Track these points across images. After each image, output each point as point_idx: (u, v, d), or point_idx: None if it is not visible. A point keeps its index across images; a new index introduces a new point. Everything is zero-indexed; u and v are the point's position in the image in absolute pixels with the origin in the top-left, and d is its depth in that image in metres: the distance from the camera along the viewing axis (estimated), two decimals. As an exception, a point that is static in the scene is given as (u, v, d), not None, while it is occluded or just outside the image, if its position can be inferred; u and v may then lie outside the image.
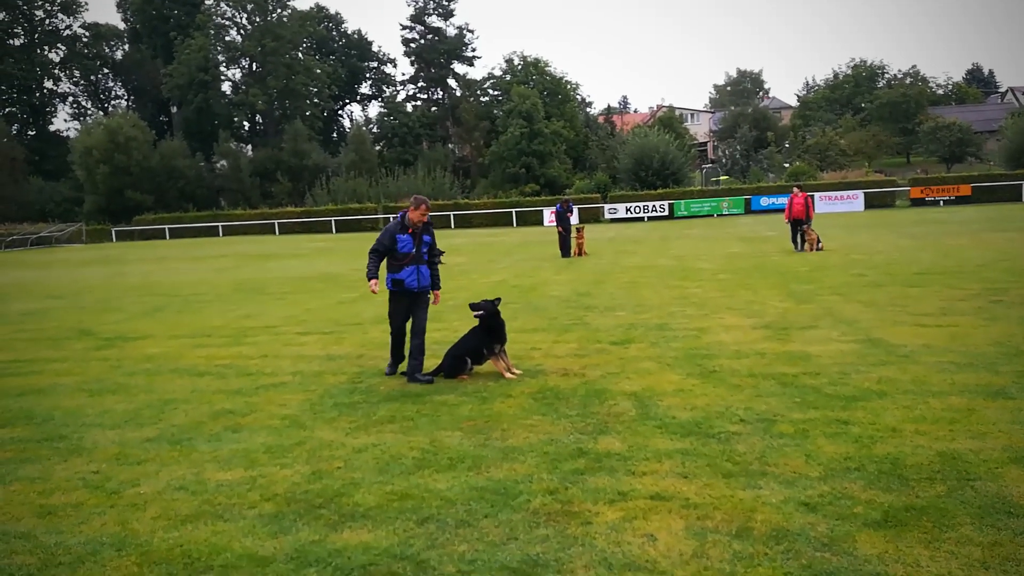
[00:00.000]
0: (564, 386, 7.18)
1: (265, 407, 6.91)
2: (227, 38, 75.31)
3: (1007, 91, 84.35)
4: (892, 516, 4.06)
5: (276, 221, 55.09)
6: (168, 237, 56.11)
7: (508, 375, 7.61)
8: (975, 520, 3.97)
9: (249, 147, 78.61)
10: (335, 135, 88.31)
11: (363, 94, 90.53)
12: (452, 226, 50.22)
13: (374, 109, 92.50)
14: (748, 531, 3.99)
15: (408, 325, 7.89)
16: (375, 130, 77.53)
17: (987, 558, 3.58)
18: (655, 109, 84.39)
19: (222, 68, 76.01)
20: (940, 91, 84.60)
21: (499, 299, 8.07)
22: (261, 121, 78.96)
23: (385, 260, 7.82)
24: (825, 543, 3.81)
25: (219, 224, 56.82)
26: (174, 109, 78.17)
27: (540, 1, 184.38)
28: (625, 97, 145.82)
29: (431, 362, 8.32)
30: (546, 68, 71.27)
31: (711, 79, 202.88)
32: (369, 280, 7.72)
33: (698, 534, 3.98)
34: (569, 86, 72.77)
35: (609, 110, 79.98)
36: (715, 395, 6.61)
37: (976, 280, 12.92)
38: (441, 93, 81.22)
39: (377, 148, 74.08)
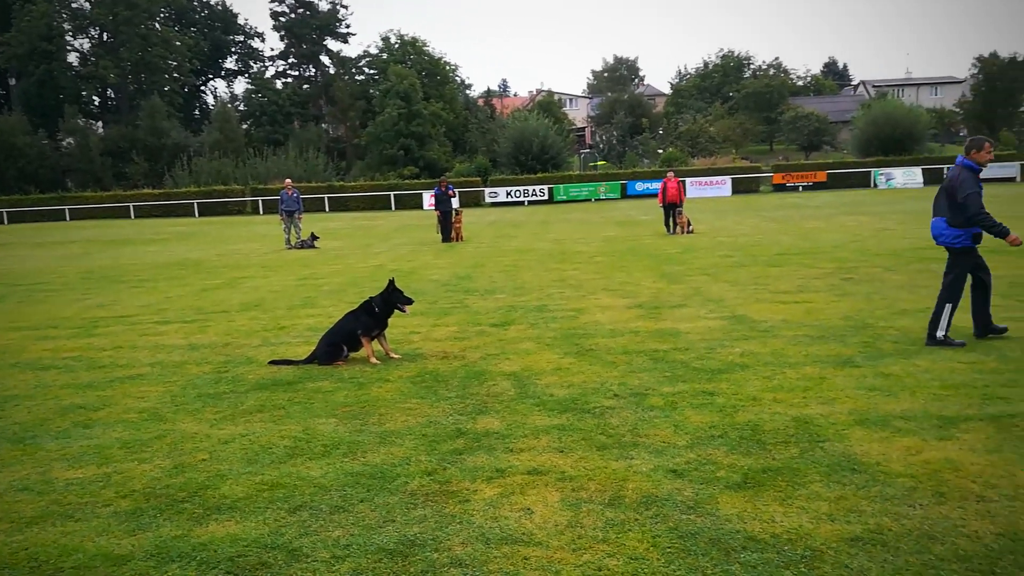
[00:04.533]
0: (444, 369, 7.14)
1: (120, 401, 6.47)
2: (74, 5, 69.58)
3: (859, 84, 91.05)
4: (751, 478, 4.30)
5: (131, 204, 51.11)
6: (6, 222, 51.20)
7: (374, 360, 7.43)
8: (824, 477, 4.26)
9: (100, 124, 72.94)
10: (197, 112, 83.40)
11: (228, 69, 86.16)
12: (327, 209, 48.84)
13: (240, 86, 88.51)
14: (620, 499, 4.11)
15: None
16: (242, 108, 74.08)
17: (833, 511, 3.85)
18: (534, 93, 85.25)
19: (68, 37, 70.14)
20: (800, 82, 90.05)
21: (392, 279, 7.89)
22: (113, 96, 73.65)
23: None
24: (691, 506, 3.98)
25: (66, 207, 51.80)
26: (12, 81, 71.42)
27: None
28: (505, 80, 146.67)
29: (304, 349, 8.07)
30: (424, 48, 70.41)
31: (589, 65, 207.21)
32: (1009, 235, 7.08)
33: (573, 505, 4.07)
34: (448, 67, 72.25)
35: (489, 93, 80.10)
36: (591, 372, 6.78)
37: (830, 260, 13.91)
38: (314, 70, 78.66)
39: (244, 127, 70.82)
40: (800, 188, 47.02)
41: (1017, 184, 41.80)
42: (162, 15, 74.72)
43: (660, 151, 60.52)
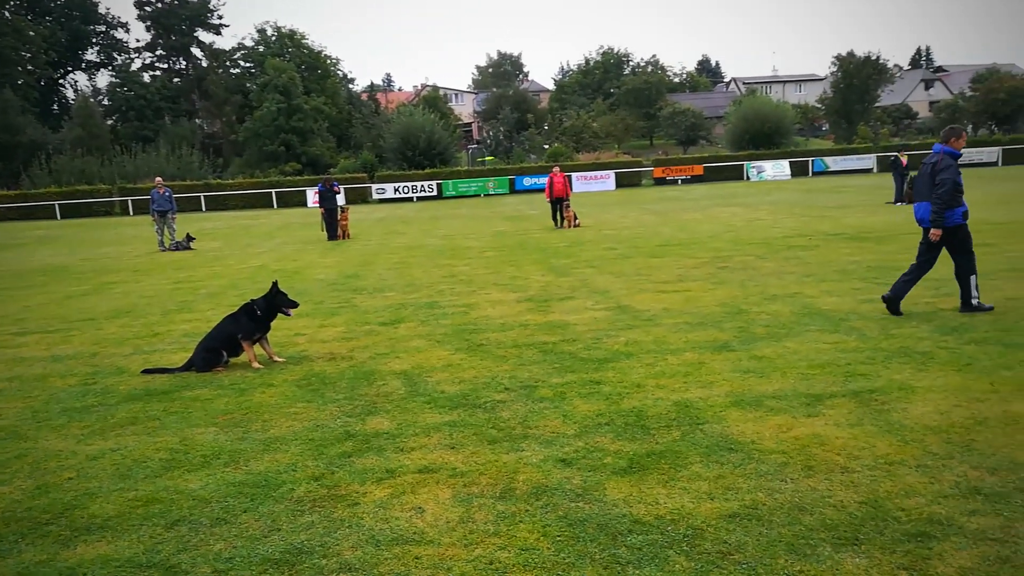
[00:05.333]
0: (331, 370, 6.97)
1: (-25, 419, 5.94)
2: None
3: (731, 81, 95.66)
4: (636, 462, 4.44)
5: (-18, 207, 47.14)
6: None
7: (256, 364, 7.17)
8: (703, 458, 4.46)
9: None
10: (56, 108, 77.60)
11: (90, 62, 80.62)
12: (203, 209, 46.65)
13: (104, 79, 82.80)
14: (511, 491, 4.14)
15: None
16: (106, 102, 69.54)
17: (712, 490, 4.03)
18: (420, 88, 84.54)
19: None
20: (677, 79, 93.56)
21: (275, 282, 7.60)
22: (-41, 90, 67.30)
23: None
24: (579, 494, 4.07)
25: (-102, 212, 47.17)
26: None
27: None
28: (389, 75, 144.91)
29: (180, 356, 7.68)
30: (303, 41, 68.43)
31: (473, 60, 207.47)
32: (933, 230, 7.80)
33: (464, 500, 4.06)
34: (329, 61, 70.56)
35: (373, 87, 78.90)
36: (482, 367, 6.80)
37: (706, 250, 14.54)
38: (184, 63, 74.91)
39: (109, 123, 66.57)
40: (679, 181, 48.95)
41: (873, 175, 45.10)
42: (13, 3, 68.97)
43: (546, 147, 61.42)
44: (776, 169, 49.01)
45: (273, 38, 68.18)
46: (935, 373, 5.83)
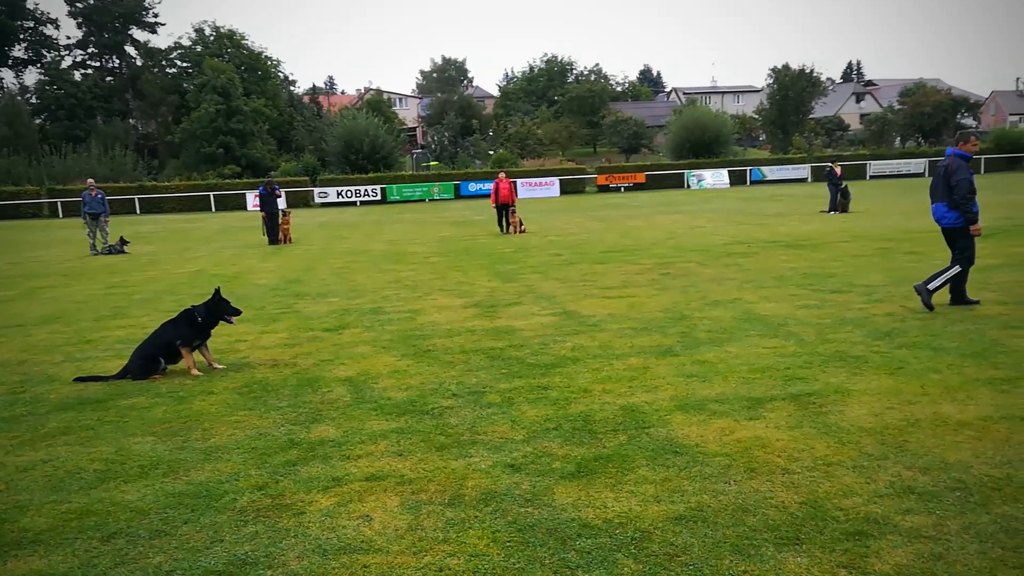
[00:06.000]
0: (274, 377, 6.84)
1: None
2: None
3: (672, 91, 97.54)
4: (584, 467, 4.47)
5: (-102, 209, 44.68)
6: None
7: (195, 372, 6.98)
8: (650, 461, 4.52)
9: None
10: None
11: (16, 58, 77.12)
12: (138, 211, 45.20)
13: (32, 76, 79.57)
14: (460, 498, 4.13)
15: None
16: (34, 100, 66.84)
17: (659, 492, 4.09)
18: (363, 91, 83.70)
19: None
20: (619, 88, 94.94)
21: (218, 288, 7.41)
22: None
23: None
24: (528, 499, 4.08)
25: None
26: None
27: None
28: (331, 77, 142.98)
29: (115, 364, 7.43)
30: (243, 41, 66.98)
31: (417, 65, 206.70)
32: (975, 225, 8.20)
33: (413, 508, 4.03)
34: (270, 62, 69.24)
35: (315, 90, 77.67)
36: (429, 373, 6.76)
37: (649, 256, 14.78)
38: (118, 61, 72.43)
39: (38, 122, 63.99)
40: (622, 189, 49.64)
41: (808, 184, 46.55)
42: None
43: (491, 152, 61.52)
44: (716, 178, 50.16)
45: (211, 38, 66.52)
46: (869, 377, 6.04)
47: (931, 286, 8.34)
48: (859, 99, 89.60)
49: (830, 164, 25.70)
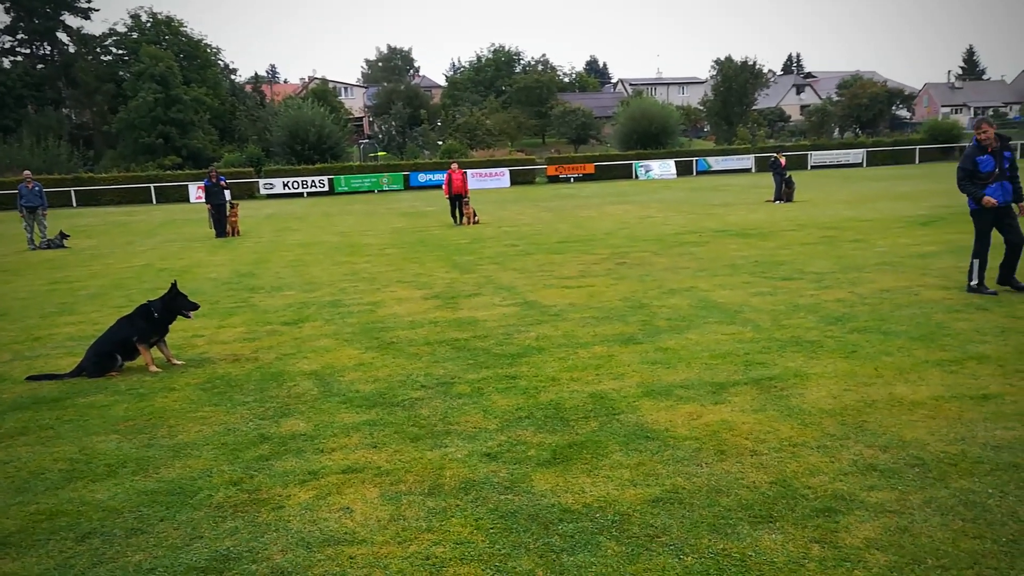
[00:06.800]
0: (236, 372, 6.74)
1: None
2: None
3: (618, 82, 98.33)
4: (559, 453, 4.55)
5: None
6: None
7: (154, 368, 6.84)
8: (622, 447, 4.62)
9: None
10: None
11: (-59, 45, 73.68)
12: (74, 204, 43.60)
13: (-43, 64, 75.71)
14: (439, 487, 4.16)
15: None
16: (-40, 89, 63.82)
17: (634, 476, 4.20)
18: (307, 80, 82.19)
19: None
20: (567, 79, 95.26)
21: (175, 282, 7.24)
22: None
23: None
24: (507, 486, 4.13)
25: None
26: None
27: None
28: (273, 66, 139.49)
29: (67, 361, 7.22)
30: (181, 28, 65.05)
31: (363, 54, 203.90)
32: (983, 199, 8.44)
33: (393, 499, 4.05)
34: (209, 50, 67.41)
35: (257, 79, 76.00)
36: (395, 365, 6.75)
37: (604, 246, 14.96)
38: (50, 48, 69.54)
39: (-35, 111, 61.18)
40: (572, 179, 49.92)
41: (752, 174, 47.58)
42: None
43: (440, 143, 61.14)
44: (663, 168, 50.84)
45: (148, 24, 64.38)
46: (825, 360, 6.27)
47: (972, 283, 8.73)
48: (799, 91, 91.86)
49: (774, 154, 26.33)
